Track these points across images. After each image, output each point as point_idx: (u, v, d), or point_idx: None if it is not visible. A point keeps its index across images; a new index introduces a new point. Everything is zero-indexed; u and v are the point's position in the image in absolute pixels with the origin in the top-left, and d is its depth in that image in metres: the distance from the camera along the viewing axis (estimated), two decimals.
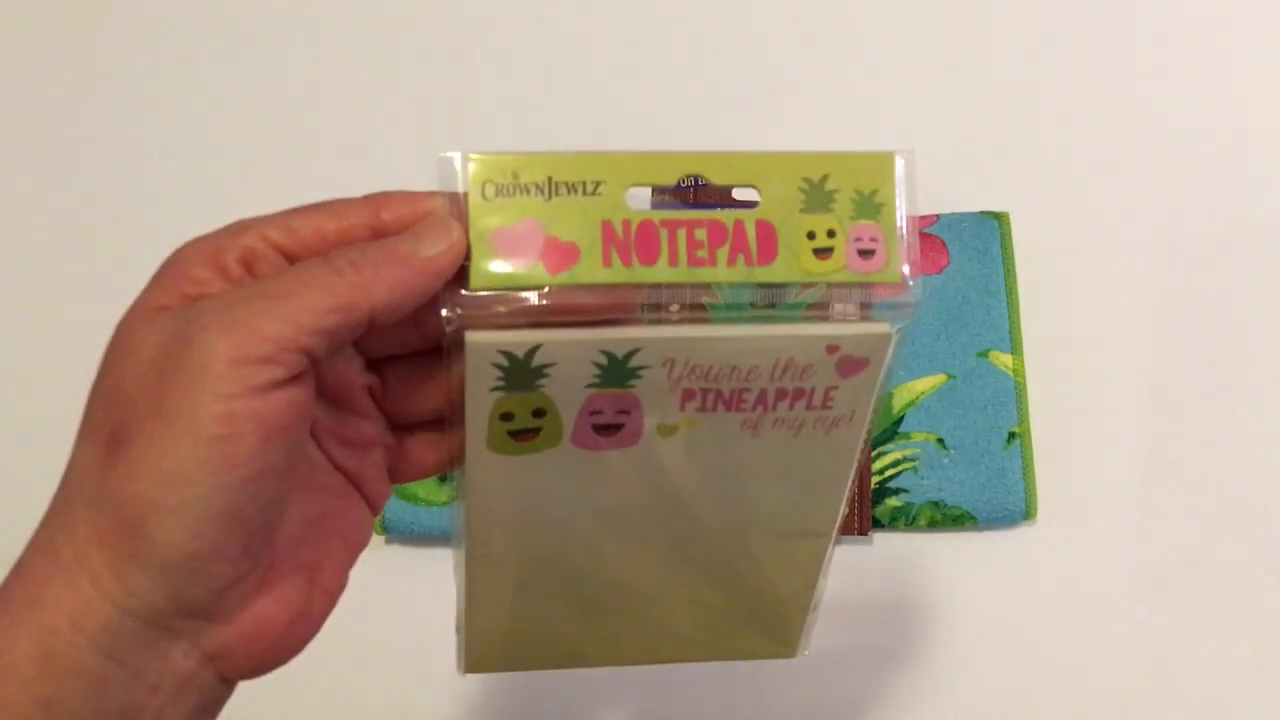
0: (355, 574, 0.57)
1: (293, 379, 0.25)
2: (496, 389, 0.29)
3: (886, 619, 0.54)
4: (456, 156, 0.28)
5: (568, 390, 0.30)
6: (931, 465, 0.55)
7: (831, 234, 0.29)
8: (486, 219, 0.28)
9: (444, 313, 0.28)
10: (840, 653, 0.54)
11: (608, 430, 0.31)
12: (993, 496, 0.55)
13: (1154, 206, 0.61)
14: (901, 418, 0.56)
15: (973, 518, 0.55)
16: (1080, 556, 0.55)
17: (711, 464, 0.32)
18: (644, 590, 0.35)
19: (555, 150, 0.29)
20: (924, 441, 0.56)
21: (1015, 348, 0.57)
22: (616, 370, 0.30)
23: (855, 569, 0.55)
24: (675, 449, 0.32)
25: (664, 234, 0.29)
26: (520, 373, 0.29)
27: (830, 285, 0.30)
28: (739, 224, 0.29)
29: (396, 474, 0.32)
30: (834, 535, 0.35)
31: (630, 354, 0.29)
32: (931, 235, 0.59)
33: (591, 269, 0.28)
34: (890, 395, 0.56)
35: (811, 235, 0.29)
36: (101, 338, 0.27)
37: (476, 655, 0.35)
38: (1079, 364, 0.58)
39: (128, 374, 0.25)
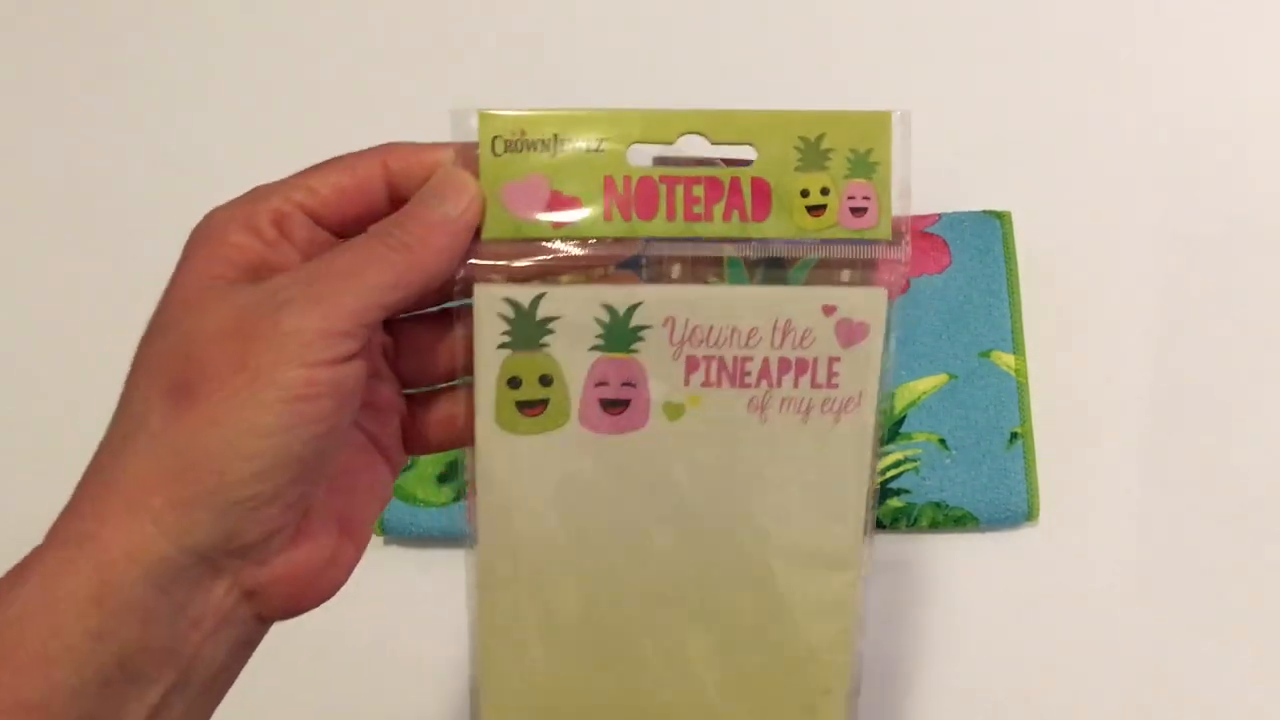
0: (355, 574, 0.56)
1: (361, 350, 0.28)
2: (503, 346, 0.31)
3: (888, 620, 0.54)
4: (471, 112, 0.30)
5: (573, 353, 0.31)
6: (933, 466, 0.55)
7: (825, 192, 0.31)
8: (496, 174, 0.30)
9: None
10: None
11: (615, 407, 0.31)
12: (995, 497, 0.54)
13: (1156, 206, 0.61)
14: (903, 418, 0.56)
15: (974, 518, 0.54)
16: (1082, 557, 0.55)
17: (722, 456, 0.32)
18: (665, 639, 0.34)
19: (561, 108, 0.30)
20: (925, 442, 0.55)
21: (1017, 348, 0.57)
22: (619, 329, 0.31)
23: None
24: (684, 436, 0.32)
25: (663, 190, 0.30)
26: (526, 326, 0.30)
27: (822, 241, 0.31)
28: (735, 181, 0.30)
29: (410, 444, 0.33)
30: (860, 573, 0.34)
31: (632, 310, 0.31)
32: (933, 235, 0.58)
33: (594, 222, 0.30)
34: (891, 395, 0.56)
35: (805, 193, 0.31)
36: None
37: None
38: (1081, 364, 0.58)
39: (198, 335, 0.27)
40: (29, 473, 0.59)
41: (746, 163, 0.30)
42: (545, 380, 0.31)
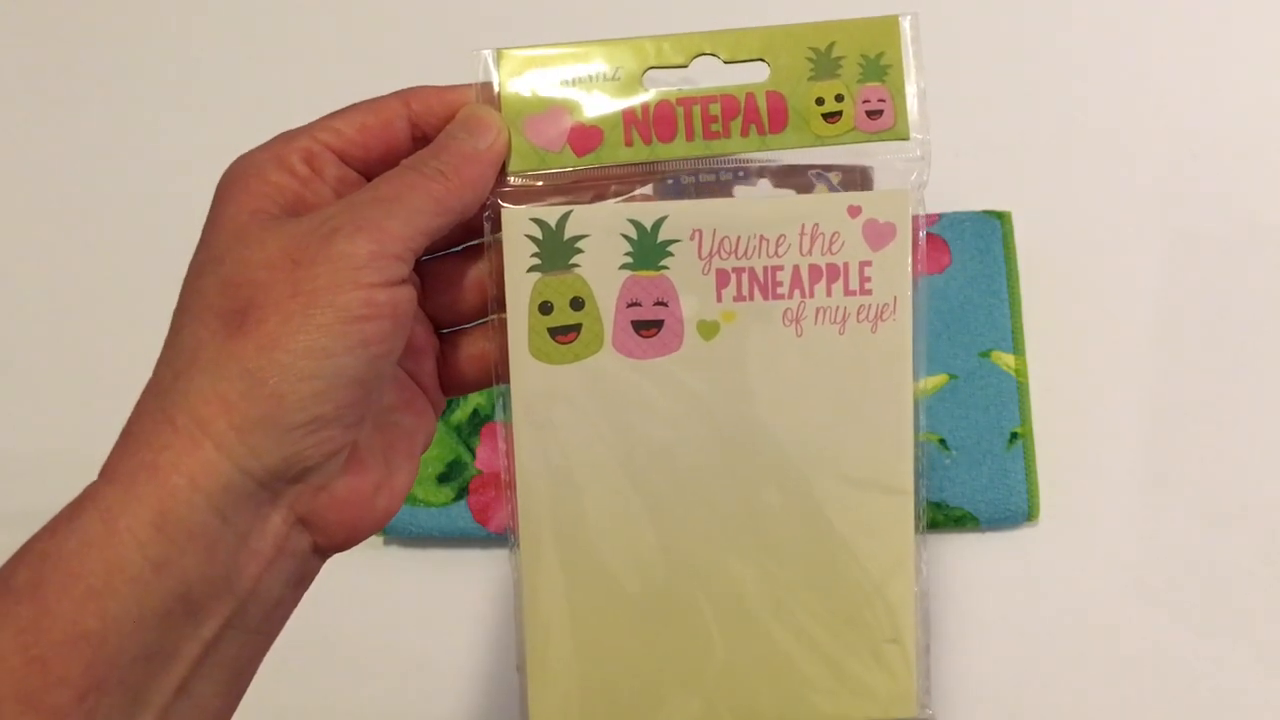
0: (355, 575, 0.57)
1: (410, 275, 0.29)
2: (533, 269, 0.31)
3: None
4: (488, 53, 0.31)
5: (602, 273, 0.31)
6: (933, 466, 0.55)
7: (840, 98, 0.31)
8: (517, 109, 0.31)
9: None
10: None
11: (648, 329, 0.32)
12: (995, 497, 0.54)
13: (1156, 205, 0.60)
14: None
15: (975, 519, 0.54)
16: (1082, 557, 0.55)
17: (760, 375, 0.32)
18: (720, 577, 0.33)
19: (576, 41, 0.31)
20: (925, 442, 0.55)
21: (1018, 348, 0.57)
22: (647, 244, 0.31)
23: None
24: (720, 356, 0.32)
25: (680, 112, 0.31)
26: (554, 245, 0.31)
27: (842, 147, 0.31)
28: (750, 97, 0.31)
29: (447, 385, 0.34)
30: (916, 499, 0.33)
31: (659, 224, 0.31)
32: (934, 234, 0.58)
33: (614, 149, 0.31)
34: None
35: (820, 101, 0.31)
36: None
37: (545, 701, 0.33)
38: (1082, 364, 0.58)
39: (251, 263, 0.27)
40: (31, 473, 0.60)
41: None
42: (577, 304, 0.31)
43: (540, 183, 0.31)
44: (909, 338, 0.32)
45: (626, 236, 0.31)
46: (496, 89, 0.31)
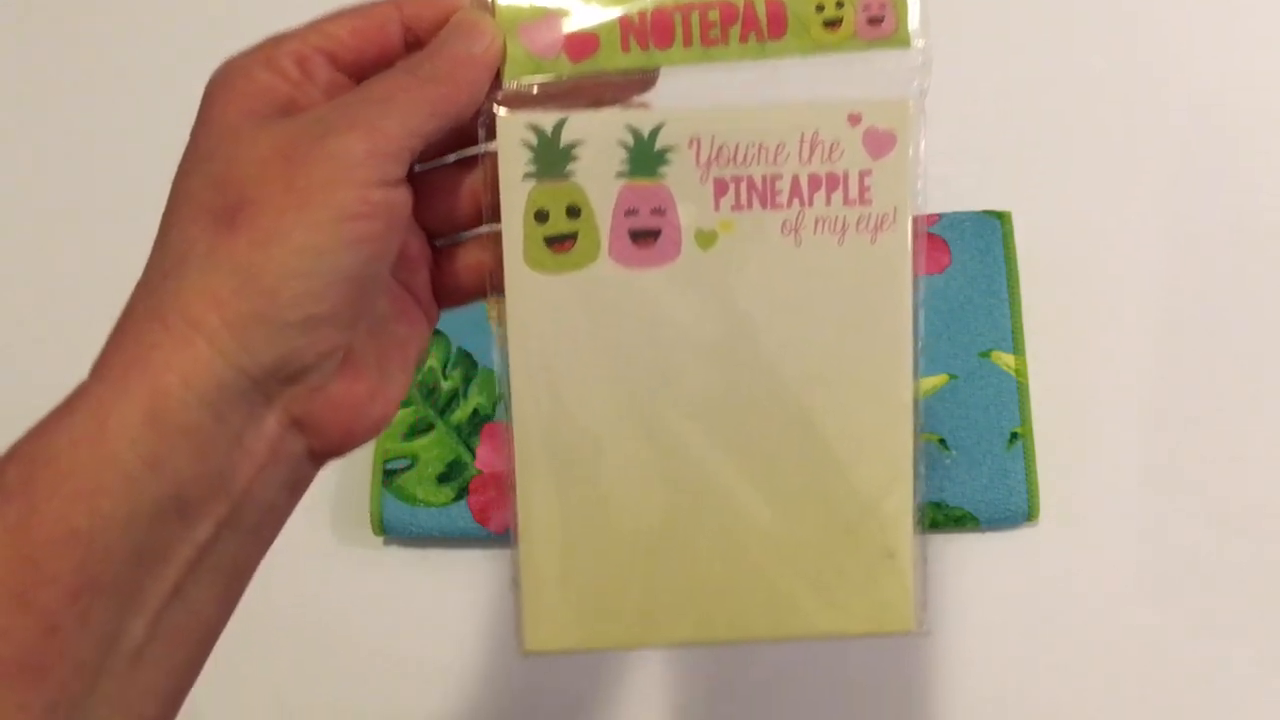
0: (355, 574, 0.56)
1: (406, 177, 0.28)
2: (529, 176, 0.30)
3: None
4: None
5: (599, 181, 0.31)
6: (933, 466, 0.55)
7: (840, 5, 0.31)
8: (513, 15, 0.30)
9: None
10: (841, 654, 0.54)
11: (645, 239, 0.31)
12: (995, 497, 0.54)
13: (1156, 205, 0.60)
14: None
15: (975, 519, 0.54)
16: (1082, 557, 0.55)
17: (758, 285, 0.31)
18: (716, 489, 0.32)
19: None
20: (925, 442, 0.55)
21: (1017, 348, 0.57)
22: (644, 152, 0.31)
23: None
24: (718, 266, 0.31)
25: (678, 18, 0.30)
26: (550, 152, 0.30)
27: (841, 54, 0.31)
28: (749, 4, 0.30)
29: (441, 296, 0.33)
30: (914, 410, 0.32)
31: (656, 131, 0.30)
32: (933, 235, 0.58)
33: (611, 56, 0.30)
34: None
35: (820, 8, 0.31)
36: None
37: (541, 620, 0.32)
38: (1081, 364, 0.58)
39: (243, 161, 0.27)
40: None
41: None
42: (573, 211, 0.31)
43: (535, 90, 0.30)
44: (909, 248, 0.32)
45: (623, 144, 0.31)
46: None
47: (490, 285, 0.32)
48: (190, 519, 0.26)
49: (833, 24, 0.31)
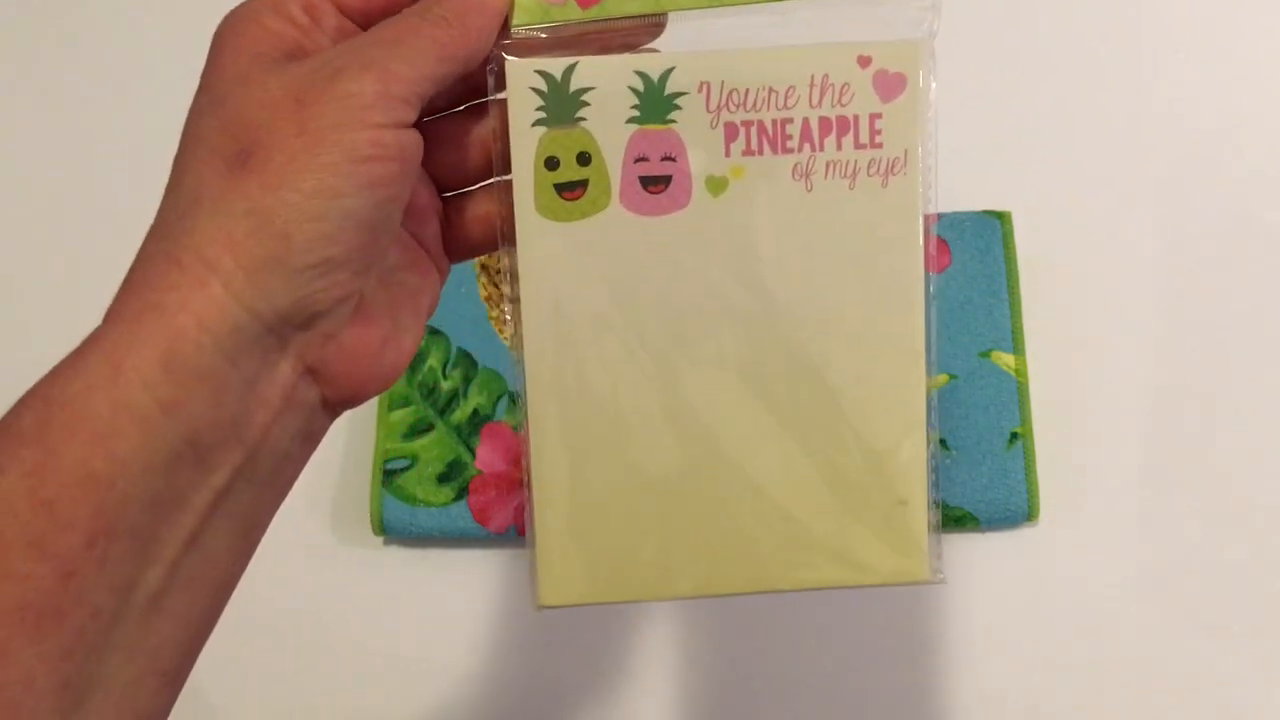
0: (355, 574, 0.56)
1: (417, 120, 0.28)
2: (538, 123, 0.30)
3: (888, 620, 0.54)
4: None
5: (609, 126, 0.30)
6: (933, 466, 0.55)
7: None
8: None
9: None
10: (843, 655, 0.54)
11: (656, 185, 0.31)
12: (995, 497, 0.54)
13: (1156, 205, 0.60)
14: None
15: (975, 519, 0.54)
16: (1082, 557, 0.55)
17: (770, 232, 0.31)
18: (729, 438, 0.32)
19: None
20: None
21: (1017, 348, 0.57)
22: (654, 97, 0.30)
23: None
24: (729, 212, 0.31)
25: None
26: (560, 98, 0.30)
27: None
28: None
29: (451, 248, 0.33)
30: (928, 358, 0.32)
31: (666, 75, 0.30)
32: (933, 235, 0.58)
33: (620, 2, 0.30)
34: None
35: None
36: None
37: (554, 575, 0.32)
38: (1081, 364, 0.58)
39: (254, 104, 0.26)
40: None
41: None
42: (583, 159, 0.31)
43: (544, 36, 0.30)
44: (919, 192, 0.32)
45: (633, 89, 0.31)
46: None
47: (501, 235, 0.32)
48: (206, 465, 0.26)
49: None
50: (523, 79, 0.30)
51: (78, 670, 0.24)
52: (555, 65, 0.30)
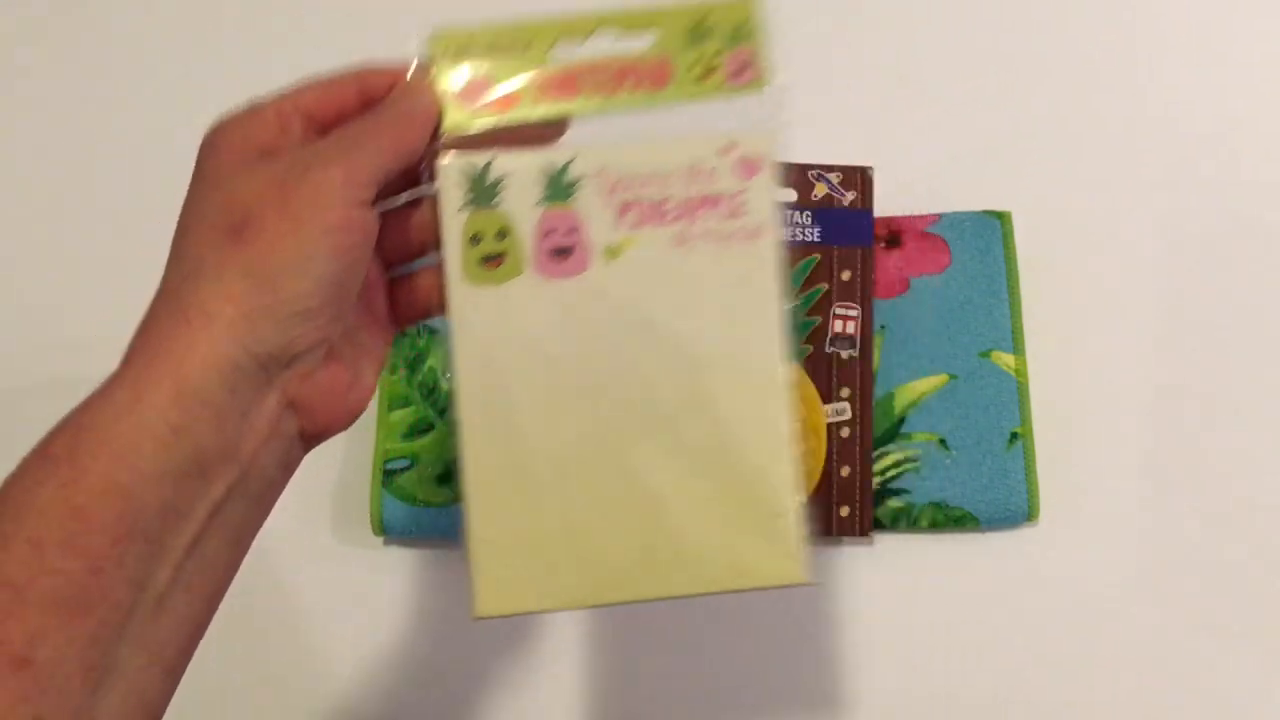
0: (355, 575, 0.56)
1: (374, 202, 0.34)
2: (464, 206, 0.37)
3: (888, 621, 0.54)
4: (426, 32, 0.37)
5: (522, 208, 0.37)
6: (933, 466, 0.55)
7: (713, 60, 0.38)
8: (448, 77, 0.37)
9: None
10: (842, 654, 0.54)
11: (562, 254, 0.38)
12: (995, 497, 0.54)
13: (1156, 205, 0.61)
14: (903, 418, 0.56)
15: (975, 519, 0.54)
16: (1082, 557, 0.55)
17: (656, 288, 0.38)
18: (632, 466, 0.38)
19: (495, 20, 0.37)
20: (926, 442, 0.55)
21: (1017, 347, 0.57)
22: (558, 183, 0.38)
23: (857, 571, 0.55)
24: (623, 273, 0.38)
25: (583, 77, 0.38)
26: (481, 186, 0.37)
27: (712, 98, 0.38)
28: (636, 61, 0.38)
29: (398, 315, 0.39)
30: (786, 384, 0.38)
31: (567, 164, 0.38)
32: (933, 234, 0.58)
33: (528, 108, 0.37)
34: (892, 395, 0.56)
35: (697, 63, 0.38)
36: None
37: (489, 589, 0.38)
38: (1081, 364, 0.58)
39: (244, 190, 0.33)
40: None
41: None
42: (501, 235, 0.38)
43: (468, 137, 0.37)
44: (775, 252, 0.38)
45: (541, 177, 0.38)
46: (431, 62, 0.37)
47: (438, 302, 0.37)
48: (207, 479, 0.31)
49: (707, 75, 0.38)
50: (451, 172, 0.37)
51: (100, 656, 0.29)
52: (477, 160, 0.37)
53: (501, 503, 0.38)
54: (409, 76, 0.36)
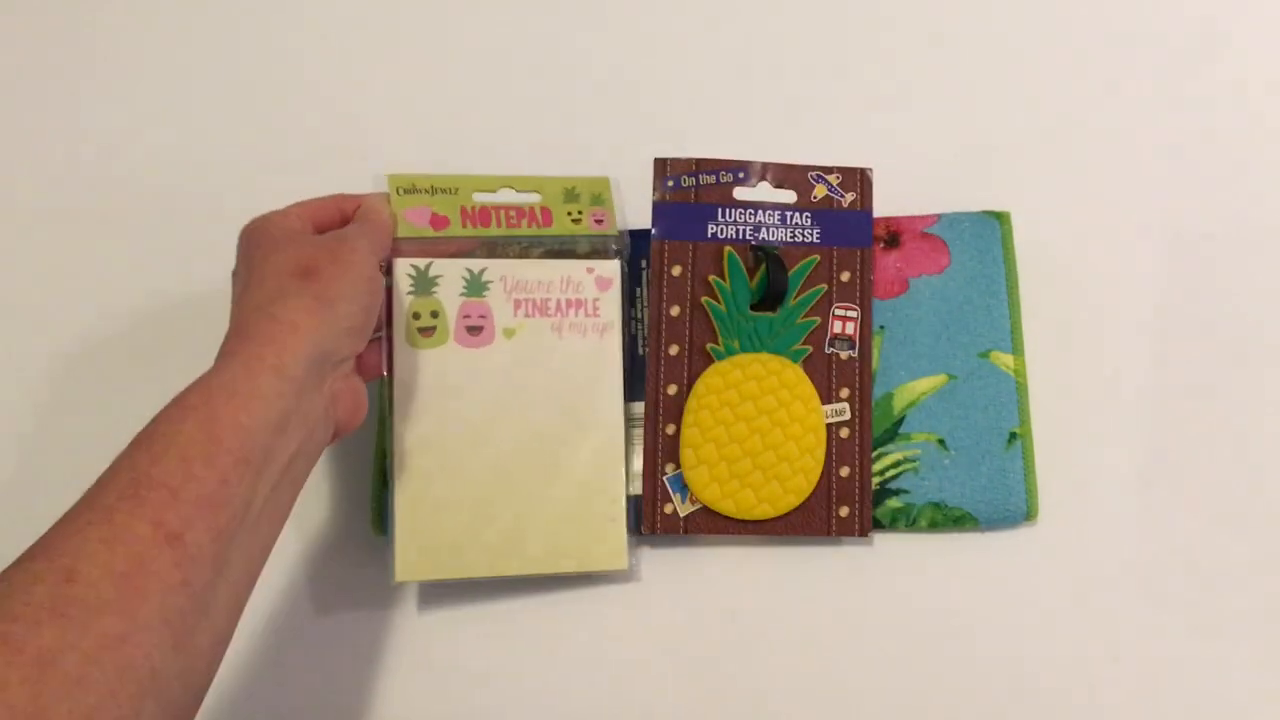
0: (355, 574, 0.57)
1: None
2: (410, 293, 0.53)
3: (887, 621, 0.54)
4: (384, 176, 0.54)
5: (450, 296, 0.54)
6: (932, 466, 0.55)
7: (580, 213, 0.56)
8: (400, 204, 0.54)
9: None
10: (842, 653, 0.54)
11: (475, 331, 0.54)
12: (994, 497, 0.54)
13: (1155, 205, 0.61)
14: (902, 418, 0.56)
15: (974, 519, 0.55)
16: (1082, 557, 0.55)
17: (538, 360, 0.54)
18: (515, 479, 0.53)
19: (434, 172, 0.55)
20: (925, 442, 0.55)
21: (1016, 348, 0.57)
22: (475, 282, 0.54)
23: (855, 571, 0.55)
24: (515, 348, 0.54)
25: (493, 213, 0.55)
26: (422, 280, 0.54)
27: (580, 236, 0.56)
28: (532, 209, 0.56)
29: (362, 372, 0.51)
30: (620, 431, 0.54)
31: (481, 271, 0.54)
32: (932, 235, 0.58)
33: (455, 229, 0.54)
34: (891, 396, 0.56)
35: (569, 213, 0.56)
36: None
37: (406, 562, 0.52)
38: (1080, 364, 0.58)
39: (307, 249, 0.47)
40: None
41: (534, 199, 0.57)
42: (434, 314, 0.54)
43: (414, 245, 0.54)
44: (619, 342, 0.55)
45: (463, 277, 0.54)
46: (390, 191, 0.54)
47: (386, 363, 0.53)
48: (288, 435, 0.43)
49: (576, 221, 0.56)
50: (402, 269, 0.53)
51: (223, 549, 0.39)
52: (420, 262, 0.54)
53: (418, 503, 0.52)
54: (373, 199, 0.52)
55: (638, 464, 0.55)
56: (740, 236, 0.56)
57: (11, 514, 0.57)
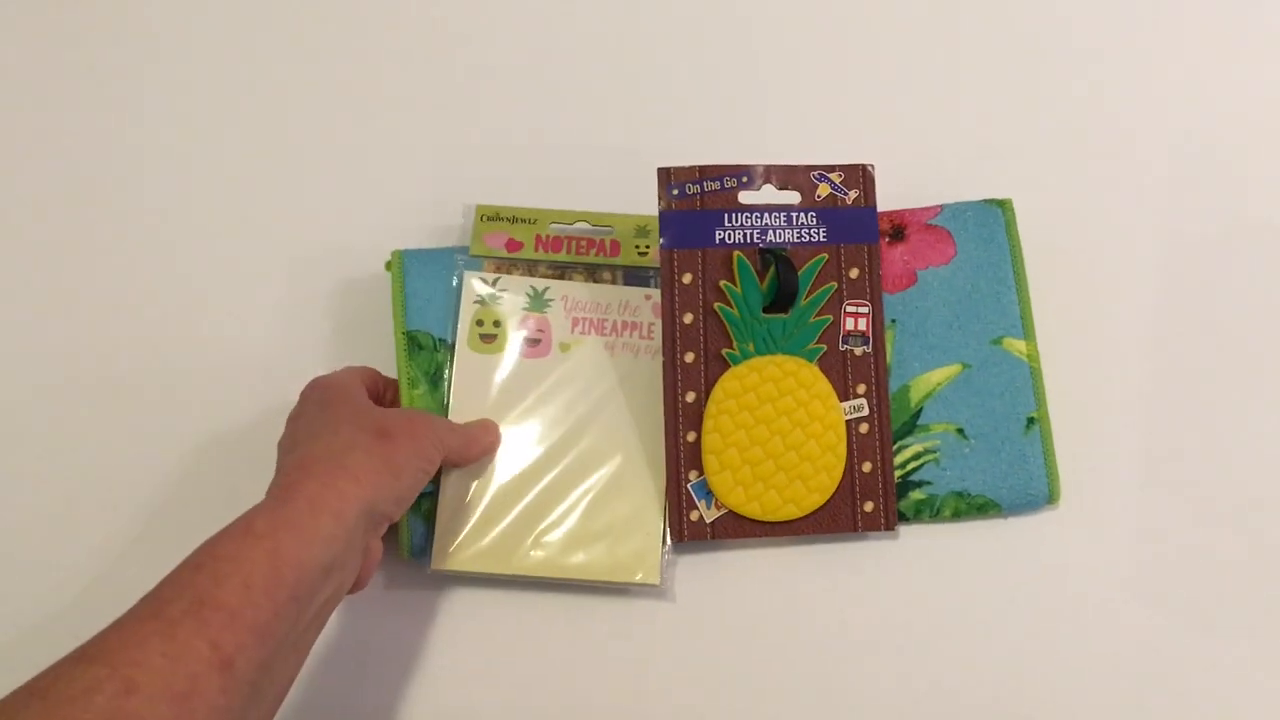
0: (388, 595, 0.56)
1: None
2: (477, 301, 0.58)
3: (917, 612, 0.55)
4: (473, 206, 0.59)
5: (513, 309, 0.58)
6: (953, 456, 0.56)
7: (647, 247, 0.59)
8: (482, 229, 0.59)
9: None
10: (874, 647, 0.54)
11: (534, 342, 0.57)
12: (1015, 483, 0.55)
13: (1160, 189, 0.61)
14: (920, 410, 0.56)
15: (997, 505, 0.55)
16: (1105, 537, 0.55)
17: (590, 375, 0.57)
18: (560, 489, 0.56)
19: (516, 206, 0.59)
20: (944, 432, 0.56)
21: (1028, 333, 0.57)
22: (538, 298, 0.58)
23: (883, 565, 0.55)
24: (570, 361, 0.57)
25: (565, 241, 0.59)
26: (490, 293, 0.58)
27: (641, 267, 0.59)
28: (602, 240, 0.59)
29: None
30: (661, 447, 0.56)
31: (545, 289, 0.58)
32: (937, 226, 0.59)
33: (529, 252, 0.59)
34: (907, 388, 0.57)
35: (637, 246, 0.59)
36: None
37: (444, 553, 0.54)
38: (1092, 346, 0.58)
39: (388, 417, 0.50)
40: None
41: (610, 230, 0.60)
42: (496, 324, 0.58)
43: (488, 263, 0.59)
44: (661, 365, 0.56)
45: (528, 293, 0.58)
46: (475, 217, 0.59)
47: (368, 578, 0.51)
48: (330, 579, 0.44)
49: (643, 253, 0.59)
50: (472, 280, 0.58)
51: (262, 678, 0.40)
52: (489, 277, 0.58)
53: (461, 497, 0.55)
54: (484, 425, 0.56)
55: None
56: (748, 240, 0.56)
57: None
